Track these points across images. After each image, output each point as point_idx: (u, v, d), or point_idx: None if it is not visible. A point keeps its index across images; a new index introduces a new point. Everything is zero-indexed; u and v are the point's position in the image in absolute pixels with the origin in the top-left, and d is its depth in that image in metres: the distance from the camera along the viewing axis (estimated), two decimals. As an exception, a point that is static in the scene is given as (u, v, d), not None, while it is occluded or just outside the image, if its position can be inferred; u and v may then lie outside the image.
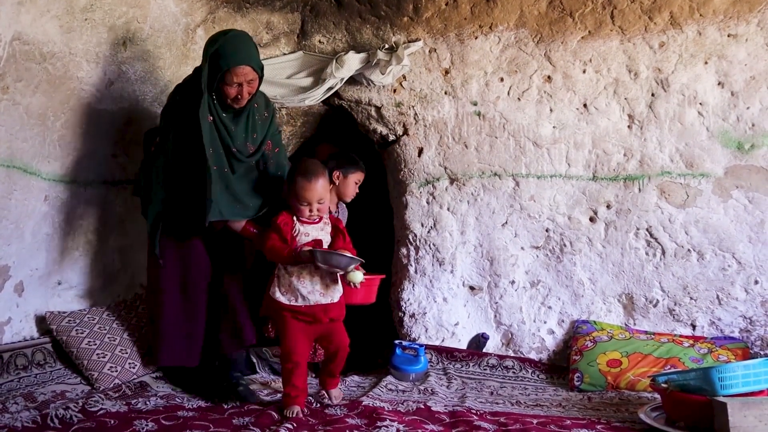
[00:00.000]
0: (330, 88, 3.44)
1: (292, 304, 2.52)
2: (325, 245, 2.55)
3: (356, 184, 3.22)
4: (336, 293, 2.58)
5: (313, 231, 2.57)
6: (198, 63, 3.35)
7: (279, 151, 2.86)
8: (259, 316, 2.77)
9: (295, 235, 2.54)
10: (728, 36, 3.17)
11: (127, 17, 2.97)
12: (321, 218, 2.60)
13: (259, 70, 2.61)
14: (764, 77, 3.13)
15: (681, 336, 3.14)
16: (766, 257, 3.11)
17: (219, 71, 2.55)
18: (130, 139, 3.19)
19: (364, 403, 2.56)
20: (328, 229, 2.62)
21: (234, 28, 3.39)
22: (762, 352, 3.07)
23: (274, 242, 2.52)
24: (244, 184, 2.72)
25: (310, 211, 2.54)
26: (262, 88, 3.45)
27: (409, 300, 3.49)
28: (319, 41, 3.56)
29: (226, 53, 2.56)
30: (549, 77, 3.36)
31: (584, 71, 3.33)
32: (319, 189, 2.53)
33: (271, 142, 2.81)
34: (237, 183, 2.68)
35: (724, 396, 2.14)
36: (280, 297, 2.53)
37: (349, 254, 2.51)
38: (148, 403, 2.52)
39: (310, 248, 2.48)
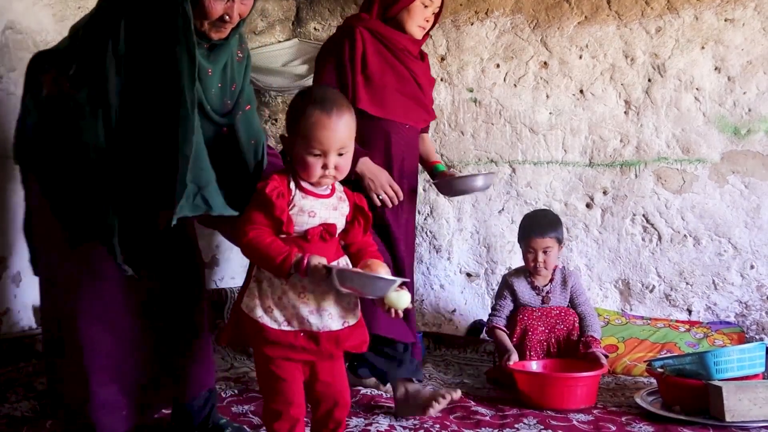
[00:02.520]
0: (326, 76, 3.43)
1: (282, 329, 1.56)
2: (329, 219, 1.62)
3: None
4: (355, 313, 1.64)
5: (322, 209, 1.61)
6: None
7: (251, 110, 1.81)
8: (218, 343, 1.87)
9: (292, 213, 1.58)
10: (725, 20, 3.16)
11: (120, 5, 2.95)
12: (334, 188, 1.66)
13: None
14: (761, 62, 3.12)
15: (677, 321, 3.15)
16: (762, 242, 3.12)
17: None
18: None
19: (362, 391, 2.57)
20: (345, 208, 1.66)
21: None
22: (757, 337, 3.09)
23: (258, 233, 1.54)
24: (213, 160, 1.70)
25: (324, 168, 1.57)
26: (256, 77, 3.47)
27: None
28: (315, 28, 3.55)
29: None
30: (545, 63, 3.35)
31: (581, 57, 3.32)
32: (344, 130, 1.58)
33: (239, 87, 1.80)
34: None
35: (719, 380, 2.15)
36: (263, 317, 1.56)
37: (386, 275, 1.56)
38: (147, 391, 2.54)
39: (325, 264, 1.51)
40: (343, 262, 1.65)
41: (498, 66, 3.39)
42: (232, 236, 1.78)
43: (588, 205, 3.34)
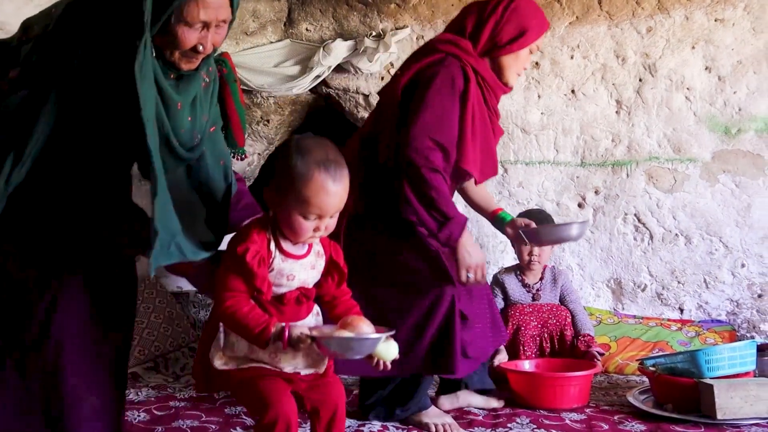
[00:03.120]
0: (317, 77, 3.43)
1: (252, 367, 1.49)
2: (311, 283, 1.54)
3: None
4: (324, 362, 1.56)
5: (301, 271, 1.51)
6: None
7: (216, 130, 1.69)
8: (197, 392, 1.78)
9: (271, 276, 1.48)
10: (715, 20, 3.18)
11: (111, 6, 2.94)
12: (311, 244, 1.54)
13: (235, 5, 1.52)
14: (751, 62, 3.14)
15: (669, 320, 3.17)
16: (753, 241, 3.14)
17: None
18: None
19: (354, 392, 2.57)
20: (322, 264, 1.57)
21: None
22: (748, 335, 3.11)
23: (236, 300, 1.43)
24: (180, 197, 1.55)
25: (316, 230, 1.47)
26: (248, 77, 3.46)
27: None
28: (306, 29, 3.54)
29: None
30: (537, 63, 3.36)
31: (572, 57, 3.33)
32: (344, 193, 1.48)
33: (207, 116, 1.65)
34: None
35: (710, 378, 2.16)
36: (230, 366, 1.49)
37: (372, 334, 1.46)
38: (139, 393, 2.53)
39: (310, 335, 1.42)
40: (319, 321, 1.57)
41: (490, 66, 3.40)
42: (196, 282, 1.63)
43: (580, 205, 3.35)
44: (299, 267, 1.51)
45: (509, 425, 2.18)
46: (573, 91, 3.34)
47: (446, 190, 2.04)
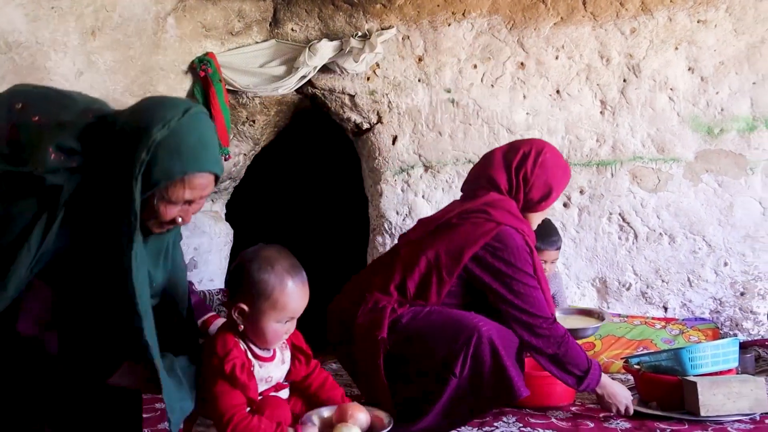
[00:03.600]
0: (303, 77, 3.42)
1: None
2: (283, 377, 1.63)
3: None
4: None
5: (276, 371, 1.60)
6: (171, 54, 3.34)
7: (176, 245, 1.65)
8: None
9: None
10: (698, 22, 3.21)
11: (95, 6, 2.92)
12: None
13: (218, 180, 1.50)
14: (733, 62, 3.17)
15: (653, 318, 3.20)
16: (735, 240, 3.17)
17: (169, 177, 1.38)
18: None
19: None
20: (288, 354, 1.65)
21: (203, 17, 3.35)
22: (731, 332, 3.15)
23: (241, 417, 1.47)
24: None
25: (285, 333, 1.58)
26: (234, 78, 3.45)
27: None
28: (292, 29, 3.53)
29: (182, 147, 1.38)
30: (522, 64, 3.38)
31: (557, 57, 3.35)
32: (307, 297, 1.59)
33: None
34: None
35: (694, 375, 2.18)
36: None
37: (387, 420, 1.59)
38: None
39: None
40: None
41: (475, 67, 3.41)
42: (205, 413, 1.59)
43: (565, 205, 3.37)
44: (273, 367, 1.59)
45: (496, 424, 2.19)
46: (558, 92, 3.36)
47: (576, 345, 2.11)
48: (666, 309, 3.26)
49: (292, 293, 1.53)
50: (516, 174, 2.20)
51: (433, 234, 2.19)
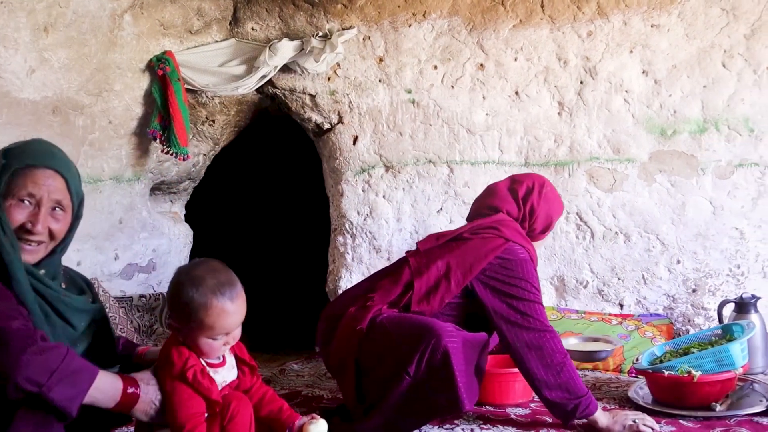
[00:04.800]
0: (263, 77, 3.40)
1: None
2: (229, 380, 1.65)
3: None
4: None
5: (228, 374, 1.64)
6: (128, 51, 3.27)
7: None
8: None
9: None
10: (651, 26, 3.28)
11: (47, 1, 2.85)
12: None
13: (75, 192, 1.55)
14: (685, 66, 3.26)
15: (610, 314, 3.26)
16: (687, 238, 3.26)
17: (11, 170, 1.48)
18: (57, 130, 3.08)
19: (303, 392, 2.56)
20: (233, 359, 1.68)
21: (161, 15, 3.30)
22: (684, 328, 3.23)
23: (197, 423, 1.51)
24: None
25: (226, 344, 1.60)
26: (193, 77, 3.40)
27: (346, 288, 3.50)
28: (252, 28, 3.51)
29: (26, 149, 1.54)
30: (482, 65, 3.41)
31: (516, 59, 3.39)
32: (244, 307, 1.61)
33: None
34: None
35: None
36: None
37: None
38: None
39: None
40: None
41: (435, 67, 3.43)
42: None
43: (524, 204, 3.42)
44: (226, 372, 1.63)
45: (457, 422, 2.21)
46: (517, 93, 3.41)
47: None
48: (622, 306, 3.33)
49: (219, 314, 1.53)
50: (524, 205, 2.35)
51: (443, 247, 2.26)
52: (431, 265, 2.19)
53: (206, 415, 1.54)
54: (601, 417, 2.07)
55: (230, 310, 1.55)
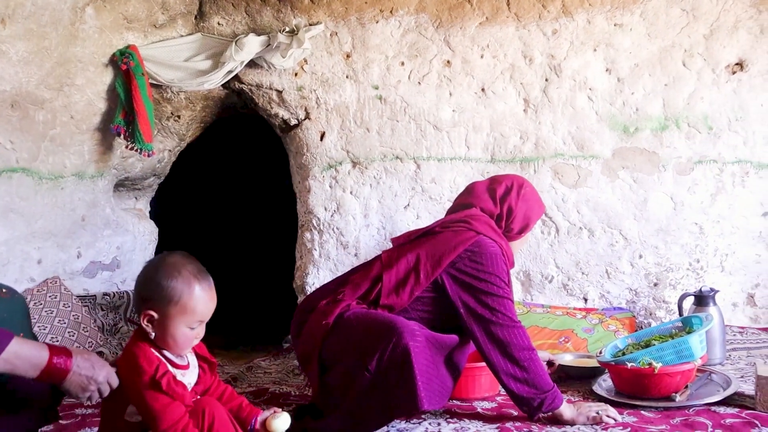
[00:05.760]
0: (230, 72, 3.36)
1: None
2: (194, 383, 1.65)
3: None
4: None
5: (192, 377, 1.65)
6: (90, 45, 3.20)
7: None
8: None
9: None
10: (615, 25, 3.34)
11: (5, -7, 2.79)
12: None
13: None
14: (647, 65, 3.32)
15: (575, 308, 3.31)
16: (649, 233, 3.33)
17: None
18: (16, 125, 3.01)
19: (270, 390, 2.55)
20: (195, 360, 1.68)
21: (125, 9, 3.25)
22: (646, 321, 3.30)
23: (186, 423, 1.52)
24: None
25: (195, 338, 1.61)
26: (157, 71, 3.35)
27: (314, 284, 3.49)
28: (218, 23, 3.47)
29: None
30: (448, 62, 3.43)
31: (482, 56, 3.42)
32: (214, 301, 1.63)
33: None
34: None
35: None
36: None
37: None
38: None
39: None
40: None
41: (403, 64, 3.44)
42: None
43: (490, 200, 3.45)
44: (190, 374, 1.63)
45: (423, 416, 2.22)
46: (483, 90, 3.43)
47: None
48: (586, 300, 3.39)
49: (200, 297, 1.56)
50: (502, 204, 2.33)
51: (415, 241, 2.26)
52: (401, 258, 2.20)
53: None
54: (566, 410, 2.10)
55: (210, 296, 1.59)
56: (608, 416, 2.10)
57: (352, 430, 2.00)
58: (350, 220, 3.49)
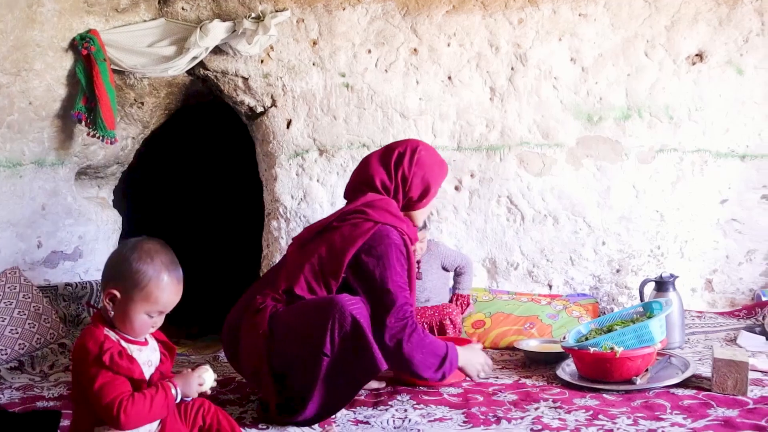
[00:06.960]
0: (194, 58, 3.31)
1: None
2: (155, 363, 1.65)
3: None
4: None
5: (152, 355, 1.64)
6: (48, 29, 3.12)
7: None
8: None
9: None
10: (579, 15, 3.37)
11: (-43, -26, 2.70)
12: None
13: None
14: (610, 55, 3.37)
15: (539, 295, 3.37)
16: (612, 221, 3.39)
17: None
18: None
19: (237, 379, 2.54)
20: (155, 344, 1.69)
21: None
22: (609, 307, 3.37)
23: (123, 397, 1.48)
24: None
25: (152, 327, 1.61)
26: (120, 57, 3.28)
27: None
28: (182, 8, 3.41)
29: None
30: (415, 50, 3.43)
31: (449, 45, 3.42)
32: (180, 294, 1.63)
33: None
34: None
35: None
36: None
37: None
38: (2, 396, 2.37)
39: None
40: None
41: (370, 52, 3.43)
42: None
43: (456, 188, 3.48)
44: (150, 352, 1.63)
45: (390, 403, 2.24)
46: (450, 78, 3.44)
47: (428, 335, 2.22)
48: (551, 286, 3.45)
49: (167, 288, 1.57)
50: (395, 174, 2.26)
51: (315, 238, 2.23)
52: (305, 263, 2.16)
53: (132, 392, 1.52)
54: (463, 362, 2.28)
55: (176, 289, 1.60)
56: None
57: (327, 412, 2.02)
58: (317, 209, 3.48)
